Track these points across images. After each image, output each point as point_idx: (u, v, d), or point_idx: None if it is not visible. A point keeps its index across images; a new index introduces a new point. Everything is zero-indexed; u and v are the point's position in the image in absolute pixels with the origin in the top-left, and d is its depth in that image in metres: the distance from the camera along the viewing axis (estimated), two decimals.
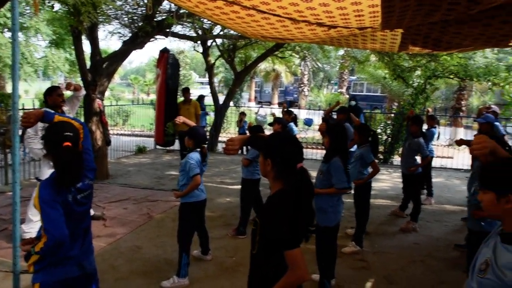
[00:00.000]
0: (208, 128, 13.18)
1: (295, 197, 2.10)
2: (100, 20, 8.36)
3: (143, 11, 8.62)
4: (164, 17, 8.63)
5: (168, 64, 8.18)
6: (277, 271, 2.05)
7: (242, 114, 12.53)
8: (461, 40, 4.81)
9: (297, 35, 4.57)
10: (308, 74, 30.88)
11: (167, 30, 8.76)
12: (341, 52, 19.86)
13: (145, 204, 6.82)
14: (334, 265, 4.29)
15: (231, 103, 14.43)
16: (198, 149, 4.27)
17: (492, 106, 8.16)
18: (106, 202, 6.82)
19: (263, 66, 28.52)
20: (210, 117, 14.35)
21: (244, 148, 8.60)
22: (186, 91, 9.25)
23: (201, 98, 12.41)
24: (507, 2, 3.19)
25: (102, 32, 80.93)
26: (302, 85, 30.32)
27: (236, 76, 12.98)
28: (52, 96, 4.94)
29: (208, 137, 13.15)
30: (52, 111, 2.59)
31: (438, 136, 8.07)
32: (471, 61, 11.85)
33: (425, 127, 7.45)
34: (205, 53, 12.67)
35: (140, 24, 8.28)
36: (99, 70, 8.02)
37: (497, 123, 7.54)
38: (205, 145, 4.39)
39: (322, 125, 6.03)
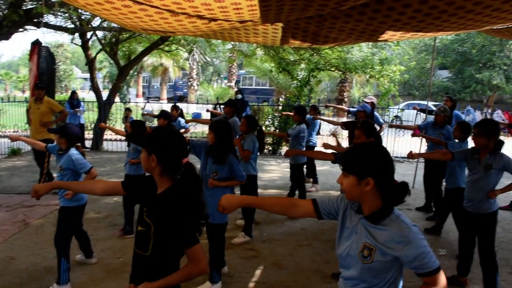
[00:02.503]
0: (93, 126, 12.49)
1: (186, 192, 2.05)
2: None
3: None
4: (34, 5, 7.89)
5: (40, 57, 7.50)
6: (171, 271, 2.02)
7: (128, 110, 12.00)
8: (337, 35, 5.08)
9: (178, 28, 4.46)
10: (197, 68, 30.70)
11: (38, 20, 8.02)
12: (229, 46, 20.06)
13: (20, 211, 6.23)
14: (223, 256, 4.34)
15: (117, 99, 13.81)
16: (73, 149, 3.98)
17: (371, 97, 8.80)
18: None
19: (150, 60, 27.79)
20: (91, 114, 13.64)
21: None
22: (38, 88, 7.58)
23: (73, 93, 11.90)
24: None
25: None
26: (191, 80, 30.06)
27: (120, 70, 12.42)
28: None
29: (92, 135, 12.47)
30: None
31: (320, 125, 8.51)
32: (349, 55, 12.69)
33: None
34: (85, 46, 11.91)
35: (4, 12, 7.46)
36: None
37: (376, 114, 8.16)
38: (79, 144, 4.11)
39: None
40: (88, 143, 12.47)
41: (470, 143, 4.49)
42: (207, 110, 9.94)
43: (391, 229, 1.79)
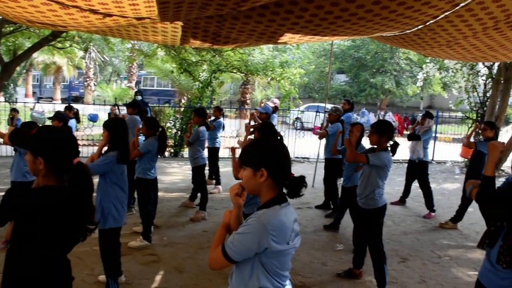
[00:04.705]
0: None
1: (73, 195, 1.93)
2: None
3: None
4: None
5: None
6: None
7: (14, 110, 10.91)
8: (237, 35, 5.08)
9: (70, 22, 4.14)
10: (94, 67, 29.22)
11: None
12: (129, 45, 19.34)
13: None
14: (119, 263, 4.17)
15: (1, 99, 12.63)
16: None
17: (276, 101, 8.99)
18: None
19: (41, 57, 25.83)
20: None
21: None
22: None
23: None
24: (269, 2, 3.45)
25: None
26: (88, 80, 28.51)
27: (3, 67, 11.32)
28: None
29: None
30: None
31: (224, 127, 8.53)
32: (251, 57, 12.89)
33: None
34: None
35: None
36: None
37: (274, 115, 8.35)
38: None
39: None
40: None
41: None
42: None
43: (250, 216, 1.88)
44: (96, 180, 3.89)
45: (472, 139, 7.42)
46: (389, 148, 4.22)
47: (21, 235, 1.85)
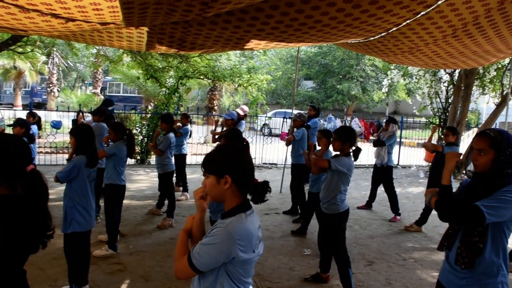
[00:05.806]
0: None
1: (29, 202, 1.86)
2: None
3: None
4: None
5: None
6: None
7: None
8: (203, 41, 5.07)
9: (31, 26, 4.04)
10: (58, 73, 28.51)
11: None
12: (94, 50, 19.01)
13: None
14: (87, 271, 4.10)
15: None
16: None
17: (244, 107, 9.01)
18: None
19: (1, 62, 25.02)
20: None
21: None
22: None
23: None
24: (235, 8, 3.47)
25: None
26: (51, 85, 27.79)
27: None
28: None
29: None
30: None
31: (191, 133, 8.48)
32: (218, 63, 12.87)
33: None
34: None
35: None
36: None
37: (242, 121, 8.38)
38: None
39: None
40: None
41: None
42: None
43: (215, 224, 1.87)
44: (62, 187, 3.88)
45: (434, 142, 7.64)
46: (351, 154, 4.30)
47: None
